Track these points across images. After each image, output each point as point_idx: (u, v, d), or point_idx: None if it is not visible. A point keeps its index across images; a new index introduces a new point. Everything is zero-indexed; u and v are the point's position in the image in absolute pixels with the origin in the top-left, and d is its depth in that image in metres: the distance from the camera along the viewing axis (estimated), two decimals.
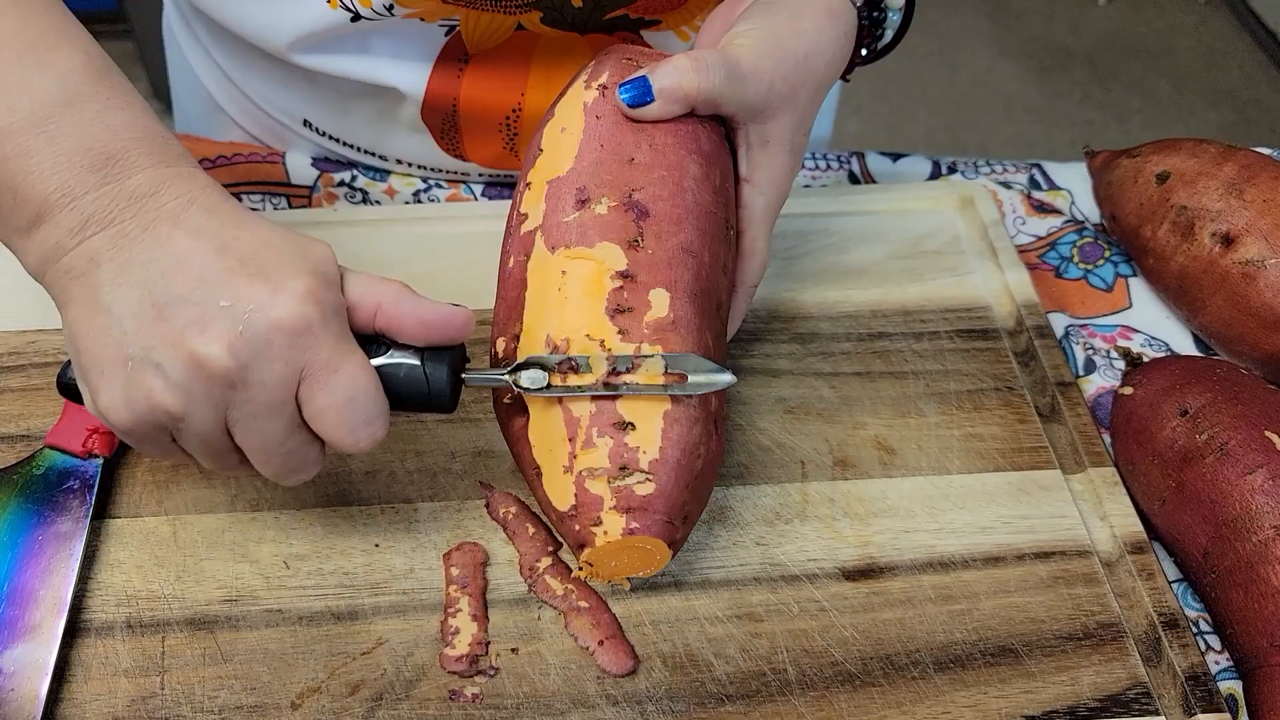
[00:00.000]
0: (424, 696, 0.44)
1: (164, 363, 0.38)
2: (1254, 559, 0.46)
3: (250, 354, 0.38)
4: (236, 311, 0.38)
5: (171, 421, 0.39)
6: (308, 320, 0.38)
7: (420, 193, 0.69)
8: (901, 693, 0.45)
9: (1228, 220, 0.57)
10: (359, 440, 0.40)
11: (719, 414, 0.45)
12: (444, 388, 0.42)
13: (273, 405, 0.39)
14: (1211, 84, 2.38)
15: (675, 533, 0.43)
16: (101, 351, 0.39)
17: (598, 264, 0.44)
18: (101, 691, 0.44)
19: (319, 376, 0.39)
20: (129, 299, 0.38)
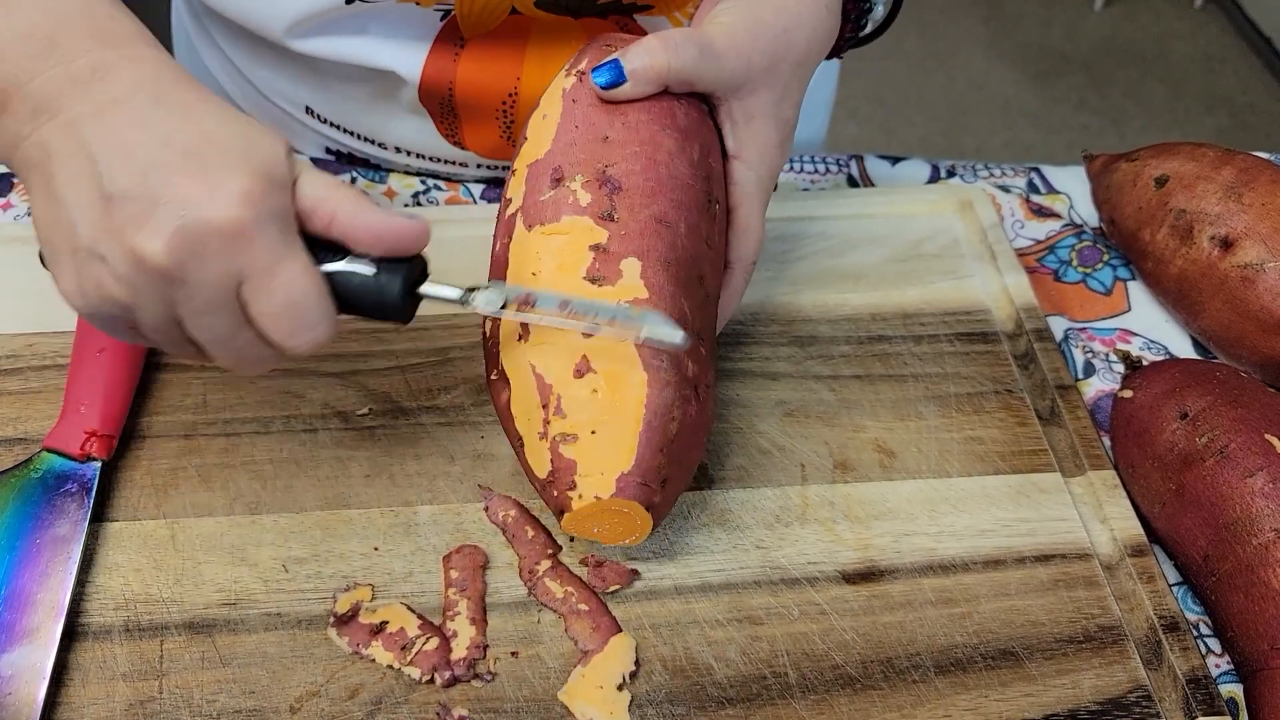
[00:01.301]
0: (423, 700, 0.44)
1: (108, 256, 0.38)
2: (1254, 562, 0.46)
3: (186, 253, 0.38)
4: (173, 210, 0.38)
5: (124, 311, 0.40)
6: (242, 224, 0.38)
7: (419, 195, 0.69)
8: (902, 696, 0.45)
9: (1226, 224, 0.57)
10: (299, 344, 0.40)
11: (700, 380, 0.45)
12: (396, 299, 0.41)
13: (214, 304, 0.39)
14: (1207, 89, 2.39)
15: (652, 495, 0.43)
16: (58, 240, 0.39)
17: (570, 237, 0.45)
18: (99, 695, 0.44)
19: (257, 280, 0.39)
20: (79, 190, 0.38)
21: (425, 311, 0.58)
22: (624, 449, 0.43)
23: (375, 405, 0.54)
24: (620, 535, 0.45)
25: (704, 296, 0.47)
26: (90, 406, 0.50)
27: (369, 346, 0.57)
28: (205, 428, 0.53)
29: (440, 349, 0.57)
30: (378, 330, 0.58)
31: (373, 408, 0.54)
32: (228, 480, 0.51)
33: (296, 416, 0.54)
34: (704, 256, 0.48)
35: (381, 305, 0.42)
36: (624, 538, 0.45)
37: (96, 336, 0.53)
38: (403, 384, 0.55)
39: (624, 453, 0.43)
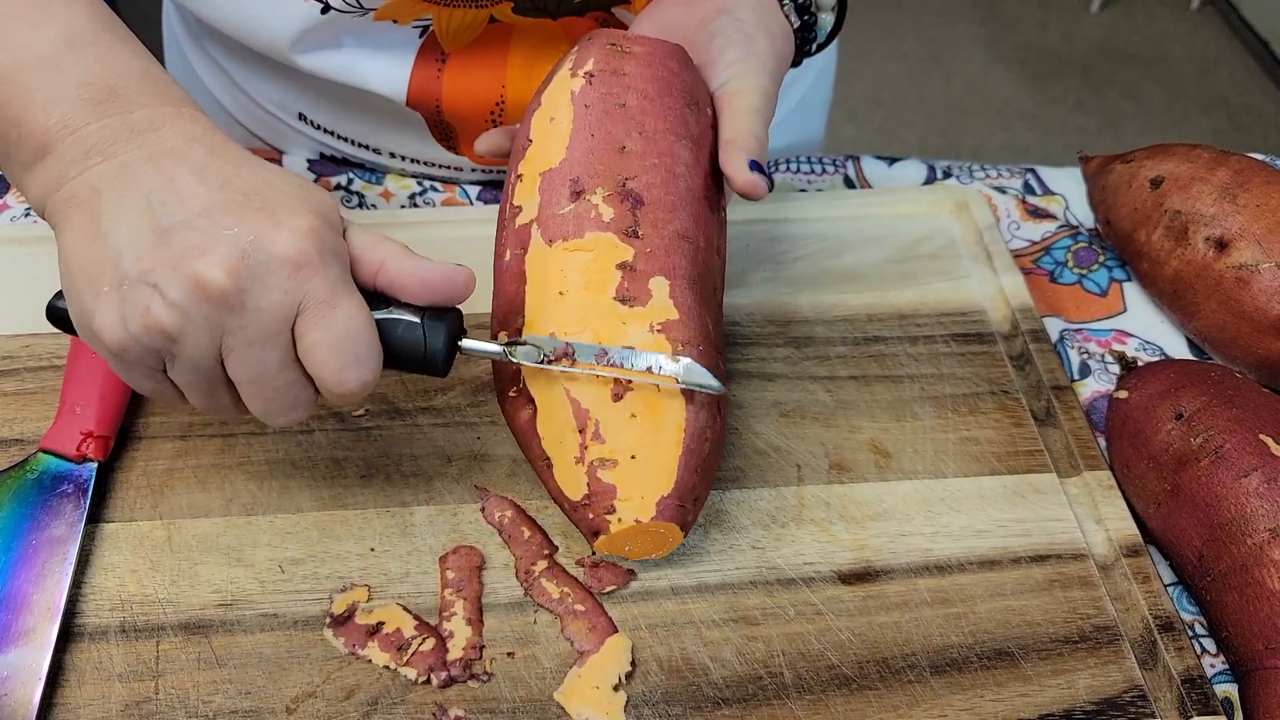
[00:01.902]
0: (419, 701, 0.44)
1: (162, 283, 0.38)
2: (1249, 562, 0.46)
3: (250, 279, 0.38)
4: (240, 237, 0.38)
5: (166, 343, 0.39)
6: (308, 255, 0.38)
7: (416, 196, 0.69)
8: (898, 696, 0.45)
9: (1221, 225, 0.57)
10: (348, 381, 0.40)
11: (721, 396, 0.46)
12: (440, 349, 0.42)
13: (268, 334, 0.39)
14: (1204, 90, 2.39)
15: (687, 515, 0.44)
16: (98, 273, 0.39)
17: (595, 254, 0.45)
18: (95, 696, 0.44)
19: (316, 311, 0.39)
20: (130, 225, 0.38)
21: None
22: (665, 472, 0.43)
23: (372, 406, 0.54)
24: (649, 551, 0.46)
25: (718, 307, 0.48)
26: (86, 407, 0.50)
27: None
28: (201, 429, 0.53)
29: None
30: None
31: (369, 409, 0.54)
32: (224, 481, 0.51)
33: None
34: (716, 268, 0.48)
35: (424, 355, 0.42)
36: (652, 553, 0.46)
37: None
38: (399, 385, 0.55)
39: (665, 476, 0.43)
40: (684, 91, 0.49)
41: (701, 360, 0.44)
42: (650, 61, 0.50)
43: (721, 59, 0.51)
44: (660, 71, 0.49)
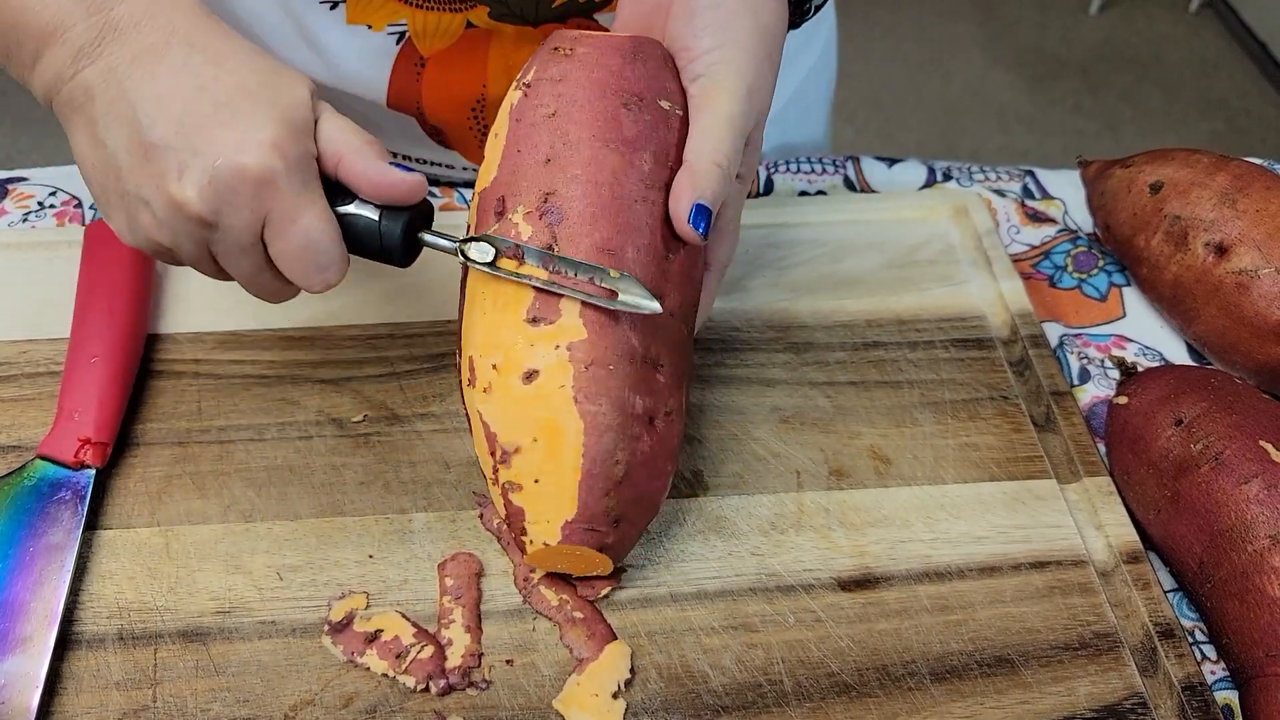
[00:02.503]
0: (418, 709, 0.44)
1: (151, 201, 0.42)
2: (1249, 569, 0.46)
3: (219, 200, 0.42)
4: (207, 159, 0.41)
5: (166, 251, 0.44)
6: (271, 171, 0.41)
7: None
8: (898, 703, 0.45)
9: (1221, 230, 0.57)
10: (312, 284, 0.44)
11: (655, 410, 0.44)
12: (395, 243, 0.45)
13: (242, 246, 0.43)
14: (1202, 94, 2.39)
15: (603, 538, 0.44)
16: (105, 182, 0.44)
17: None
18: (93, 704, 0.43)
19: (279, 224, 0.43)
20: (120, 136, 0.42)
21: (420, 318, 0.59)
22: (566, 497, 0.43)
23: (370, 412, 0.54)
24: (584, 569, 0.46)
25: (665, 317, 0.45)
26: (84, 414, 0.50)
27: (363, 354, 0.57)
28: (199, 435, 0.53)
29: (435, 355, 0.57)
30: (372, 338, 0.58)
31: (368, 415, 0.54)
32: (222, 488, 0.51)
33: (291, 424, 0.54)
34: (663, 274, 0.45)
35: (383, 248, 0.45)
36: (591, 571, 0.46)
37: (90, 344, 0.53)
38: (397, 391, 0.55)
39: (566, 501, 0.43)
40: (621, 90, 0.46)
41: (613, 378, 0.43)
42: (588, 63, 0.47)
43: (696, 45, 0.47)
44: (596, 73, 0.47)
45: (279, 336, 0.58)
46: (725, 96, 0.46)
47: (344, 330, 0.58)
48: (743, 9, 0.47)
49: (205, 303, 0.59)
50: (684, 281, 0.47)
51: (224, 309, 0.59)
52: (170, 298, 0.59)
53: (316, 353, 0.57)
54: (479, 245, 0.44)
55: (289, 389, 0.55)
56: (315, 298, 0.59)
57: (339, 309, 0.59)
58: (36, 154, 2.10)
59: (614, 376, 0.43)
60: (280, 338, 0.58)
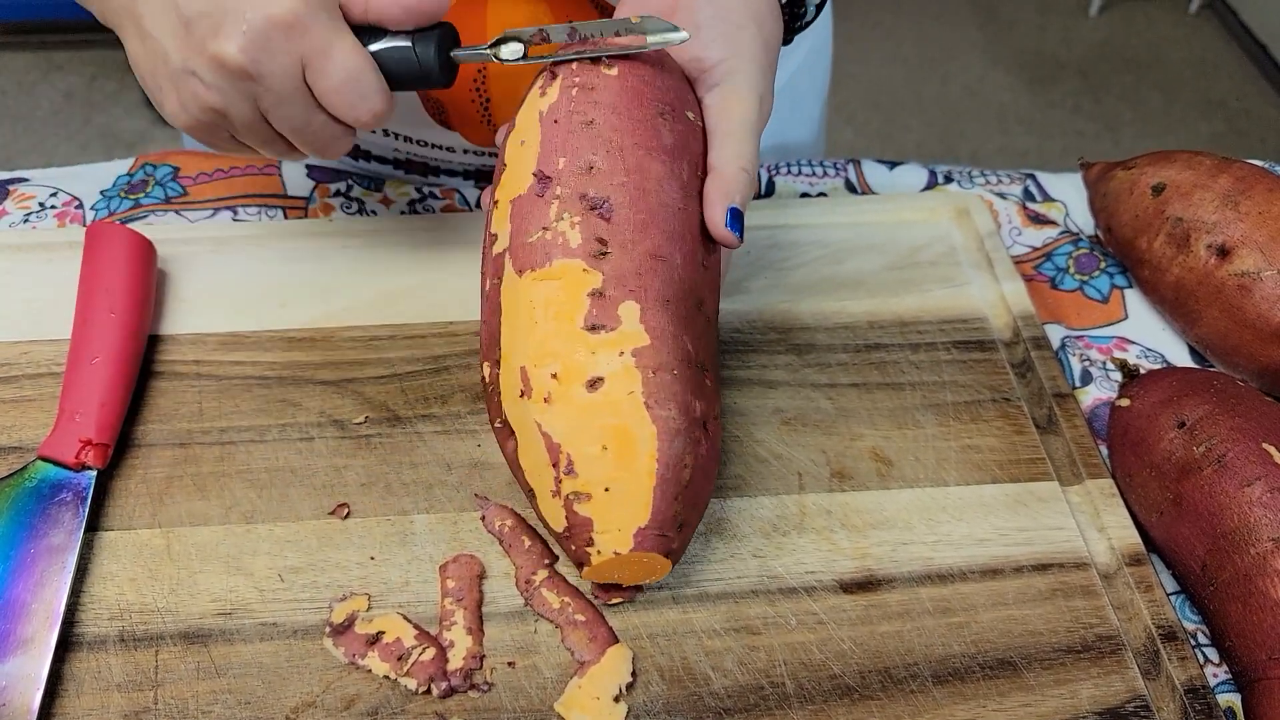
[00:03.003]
0: (419, 711, 0.44)
1: (197, 69, 0.46)
2: (1252, 571, 0.46)
3: (257, 50, 0.44)
4: (239, 13, 0.44)
5: (220, 118, 0.47)
6: (296, 13, 0.44)
7: (415, 203, 0.69)
8: (900, 706, 0.45)
9: (1223, 232, 0.57)
10: (360, 114, 0.47)
11: (707, 415, 0.44)
12: (431, 63, 0.48)
13: (287, 92, 0.46)
14: (1202, 95, 2.39)
15: (670, 544, 0.43)
16: (156, 70, 0.47)
17: (563, 282, 0.44)
18: (94, 706, 0.43)
19: (316, 63, 0.45)
20: (166, 22, 0.46)
21: (422, 319, 0.59)
22: (639, 504, 0.42)
23: (372, 414, 0.54)
24: (640, 577, 0.45)
25: (705, 322, 0.46)
26: (85, 415, 0.50)
27: (365, 355, 0.57)
28: (201, 436, 0.53)
29: (437, 357, 0.57)
30: (374, 339, 0.58)
31: (369, 416, 0.54)
32: (223, 489, 0.51)
33: (292, 425, 0.54)
34: (701, 282, 0.46)
35: (420, 71, 0.48)
36: (644, 578, 0.45)
37: (91, 345, 0.52)
38: (399, 392, 0.55)
39: (640, 508, 0.42)
40: (656, 100, 0.47)
41: (678, 383, 0.43)
42: (621, 71, 0.48)
43: (707, 57, 0.49)
44: (630, 81, 0.47)
45: (280, 337, 0.58)
46: (742, 106, 0.49)
47: (345, 331, 0.58)
48: (747, 20, 0.50)
49: (206, 304, 0.59)
50: (716, 288, 0.49)
51: (225, 310, 0.59)
52: (172, 299, 0.59)
53: (318, 354, 0.57)
54: (509, 45, 0.48)
55: (290, 390, 0.55)
56: (316, 299, 0.59)
57: (340, 310, 0.59)
58: (36, 152, 2.10)
59: (678, 381, 0.43)
60: (281, 339, 0.57)
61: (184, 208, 0.67)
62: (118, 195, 0.67)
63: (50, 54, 2.30)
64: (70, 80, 2.24)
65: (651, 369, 0.42)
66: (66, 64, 2.28)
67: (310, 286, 0.60)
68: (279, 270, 0.61)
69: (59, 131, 2.15)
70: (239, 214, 0.66)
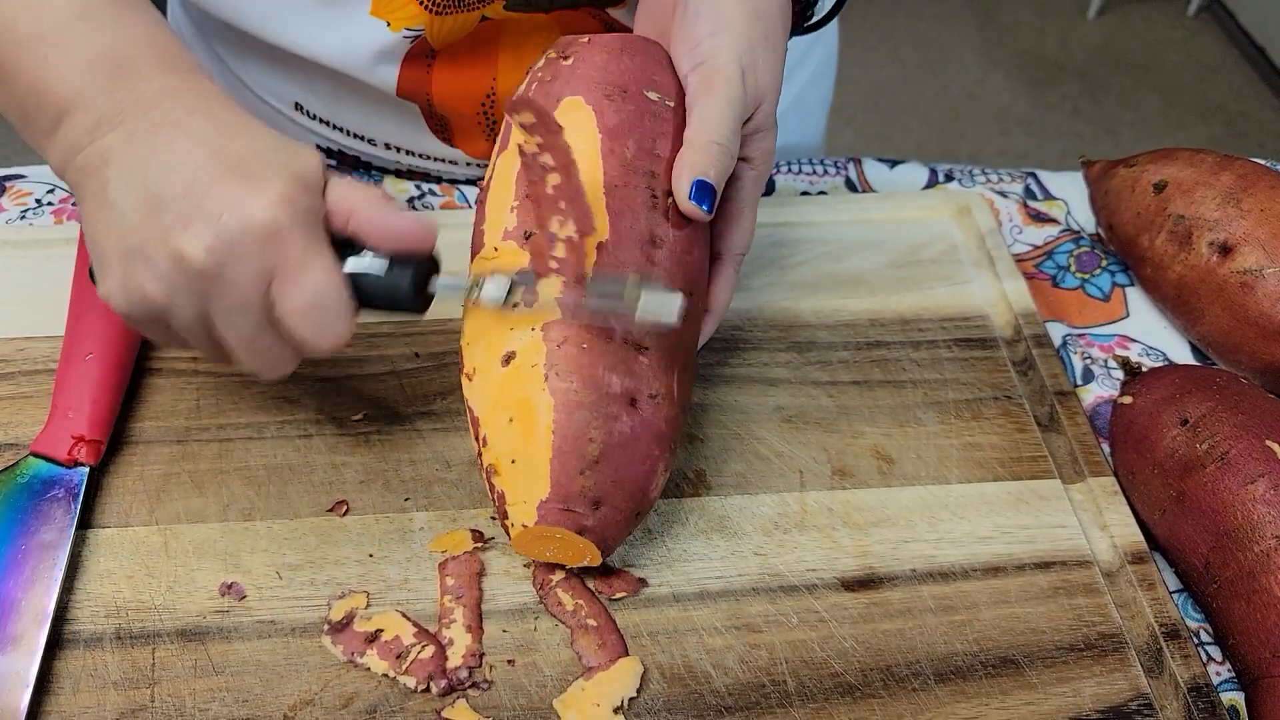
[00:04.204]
0: (418, 709, 0.43)
1: (152, 256, 0.41)
2: (1256, 569, 0.45)
3: (225, 252, 0.40)
4: (215, 212, 0.40)
5: (159, 311, 0.42)
6: (278, 224, 0.40)
7: (415, 200, 0.68)
8: (902, 704, 0.44)
9: (1225, 229, 0.57)
10: (320, 343, 0.43)
11: (636, 392, 0.44)
12: (406, 292, 0.44)
13: (246, 302, 0.41)
14: (1201, 97, 2.40)
15: (581, 519, 0.43)
16: (106, 243, 0.42)
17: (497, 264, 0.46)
18: (90, 704, 0.43)
19: (287, 278, 0.41)
20: (130, 196, 0.41)
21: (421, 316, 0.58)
22: (539, 476, 0.43)
23: (370, 410, 0.54)
24: (575, 558, 0.45)
25: None
26: (78, 411, 0.50)
27: (364, 352, 0.57)
28: (199, 433, 0.53)
29: (435, 354, 0.57)
30: (372, 335, 0.57)
31: (368, 413, 0.54)
32: (221, 486, 0.50)
33: (291, 422, 0.53)
34: (648, 259, 0.46)
35: (394, 299, 0.44)
36: (579, 560, 0.45)
37: (85, 341, 0.52)
38: (398, 389, 0.55)
39: (540, 480, 0.43)
40: (604, 84, 0.48)
41: (586, 355, 0.43)
42: (577, 61, 0.49)
43: (694, 34, 0.48)
44: (581, 69, 0.49)
45: None
46: (721, 78, 0.47)
47: None
48: None
49: None
50: (678, 267, 0.47)
51: None
52: None
53: None
54: (489, 287, 0.44)
55: (288, 387, 0.55)
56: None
57: None
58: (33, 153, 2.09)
59: (587, 354, 0.43)
60: None
61: None
62: None
63: None
64: None
65: (557, 342, 0.43)
66: None
67: None
68: None
69: None
70: None
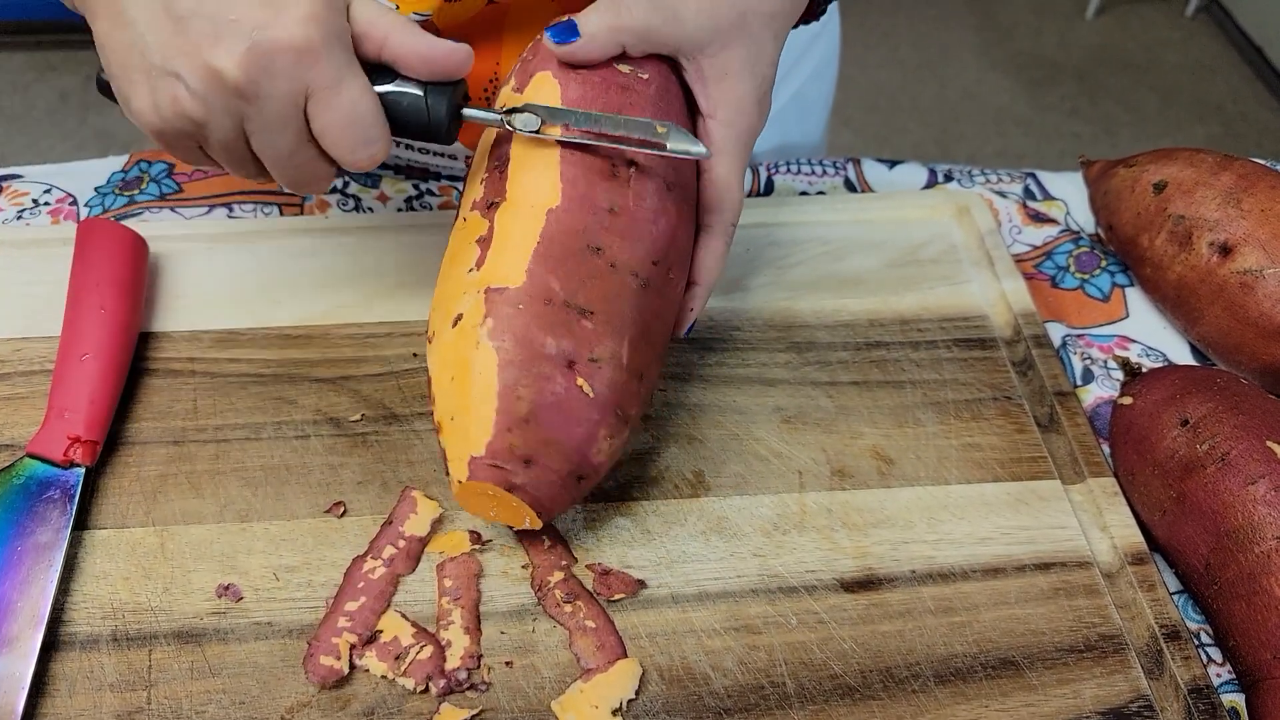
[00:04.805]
0: (416, 710, 0.43)
1: (183, 73, 0.41)
2: (1256, 570, 0.45)
3: (258, 70, 0.40)
4: (245, 28, 0.40)
5: (195, 128, 0.42)
6: (310, 41, 0.40)
7: (413, 199, 0.68)
8: (902, 706, 0.44)
9: (1225, 230, 0.56)
10: (359, 158, 0.43)
11: (575, 355, 0.43)
12: (442, 118, 0.44)
13: (282, 119, 0.42)
14: (1199, 98, 2.40)
15: (509, 476, 0.43)
16: (129, 60, 0.42)
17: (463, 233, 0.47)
18: (86, 706, 0.43)
19: (322, 96, 0.41)
20: (149, 11, 0.41)
21: (419, 316, 0.58)
22: (473, 433, 0.43)
23: (368, 411, 0.54)
24: (515, 518, 0.45)
25: (605, 266, 0.45)
26: (74, 412, 0.50)
27: (361, 352, 0.56)
28: (195, 434, 0.52)
29: None
30: (370, 336, 0.57)
31: (365, 414, 0.54)
32: (218, 487, 0.50)
33: (288, 423, 0.53)
34: (598, 225, 0.45)
35: (428, 125, 0.45)
36: (520, 521, 0.45)
37: (81, 342, 0.52)
38: (395, 390, 0.55)
39: (473, 436, 0.43)
40: None
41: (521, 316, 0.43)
42: None
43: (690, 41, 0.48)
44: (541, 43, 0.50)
45: (276, 335, 0.57)
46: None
47: (342, 329, 0.58)
48: None
49: (201, 300, 0.59)
50: (636, 231, 0.46)
51: (220, 307, 0.58)
52: (166, 295, 0.59)
53: (314, 351, 0.56)
54: (523, 115, 0.45)
55: (286, 388, 0.55)
56: (313, 296, 0.59)
57: (336, 307, 0.59)
58: (31, 152, 2.09)
59: (521, 315, 0.43)
60: (278, 336, 0.57)
61: (179, 204, 0.66)
62: (112, 192, 0.67)
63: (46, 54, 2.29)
64: (66, 81, 2.24)
65: (497, 303, 0.44)
66: (62, 65, 2.27)
67: (306, 283, 0.60)
68: (274, 267, 0.60)
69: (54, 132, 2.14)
70: (234, 210, 0.66)
